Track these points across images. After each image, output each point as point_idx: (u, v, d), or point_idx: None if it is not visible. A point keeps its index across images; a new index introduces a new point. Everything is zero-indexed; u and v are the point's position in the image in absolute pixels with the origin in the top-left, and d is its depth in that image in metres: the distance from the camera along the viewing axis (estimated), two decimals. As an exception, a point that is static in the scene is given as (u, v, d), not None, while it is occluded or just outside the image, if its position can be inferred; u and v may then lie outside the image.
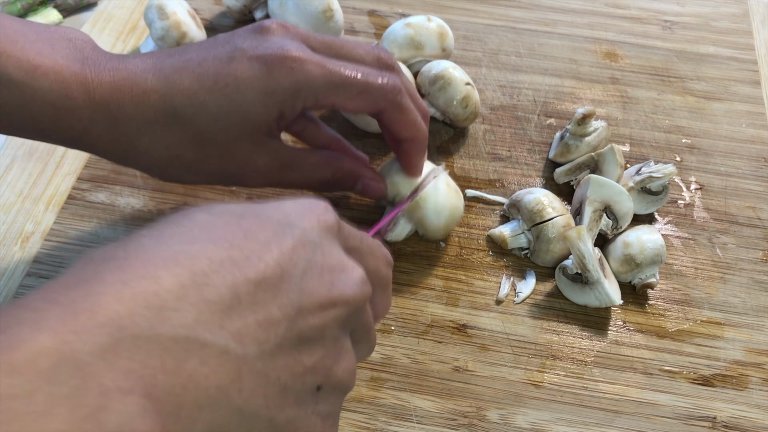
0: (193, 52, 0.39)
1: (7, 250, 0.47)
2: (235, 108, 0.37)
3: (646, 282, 0.45)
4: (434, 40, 0.55)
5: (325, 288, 0.27)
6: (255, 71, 0.37)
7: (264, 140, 0.39)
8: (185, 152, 0.38)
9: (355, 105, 0.39)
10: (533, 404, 0.42)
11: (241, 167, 0.39)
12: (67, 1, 0.65)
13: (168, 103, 0.37)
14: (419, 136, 0.42)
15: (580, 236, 0.43)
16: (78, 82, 0.36)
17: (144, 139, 0.37)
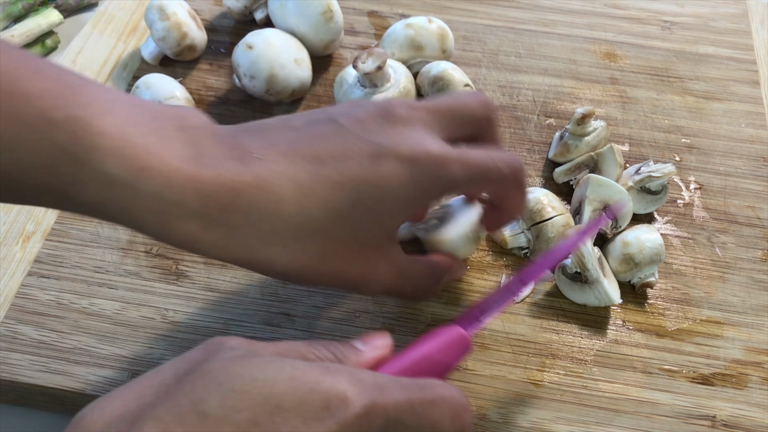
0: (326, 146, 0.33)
1: (7, 249, 0.47)
2: (375, 218, 0.33)
3: (645, 281, 0.46)
4: (434, 41, 0.55)
5: None
6: (400, 177, 0.33)
7: (389, 246, 0.36)
8: (312, 264, 0.33)
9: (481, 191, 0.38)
10: (533, 403, 0.42)
11: (362, 276, 0.35)
12: (68, 2, 0.65)
13: (304, 215, 0.32)
14: (521, 212, 0.40)
15: None
16: (192, 188, 0.30)
17: (269, 251, 0.32)
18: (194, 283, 0.46)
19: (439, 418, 0.27)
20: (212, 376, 0.25)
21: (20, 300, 0.45)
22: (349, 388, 0.26)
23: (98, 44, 0.59)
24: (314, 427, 0.25)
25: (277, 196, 0.32)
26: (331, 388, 0.26)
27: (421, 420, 0.27)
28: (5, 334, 0.43)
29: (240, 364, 0.26)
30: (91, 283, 0.46)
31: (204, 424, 0.24)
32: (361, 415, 0.25)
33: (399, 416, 0.26)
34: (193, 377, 0.25)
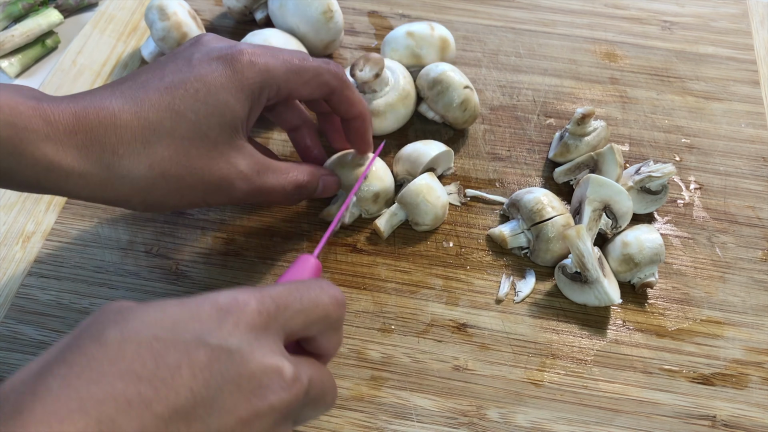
0: (146, 73, 0.38)
1: (8, 249, 0.47)
2: (212, 110, 0.37)
3: (645, 281, 0.46)
4: (434, 52, 0.55)
5: (245, 401, 0.26)
6: (220, 71, 0.37)
7: (241, 143, 0.39)
8: (170, 168, 0.36)
9: (310, 89, 0.40)
10: (533, 403, 0.42)
11: (224, 175, 0.38)
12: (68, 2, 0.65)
13: (143, 118, 0.36)
14: (366, 111, 0.44)
15: (580, 235, 0.43)
16: (37, 115, 0.34)
17: (124, 162, 0.35)
18: (194, 283, 0.46)
19: (314, 294, 0.31)
20: (106, 319, 0.27)
21: (20, 300, 0.45)
22: (235, 293, 0.28)
23: (98, 44, 0.59)
24: (215, 329, 0.27)
25: (112, 110, 0.35)
26: (217, 297, 0.28)
27: (302, 299, 0.30)
28: (5, 334, 0.43)
29: (129, 309, 0.27)
30: (91, 283, 0.46)
31: (107, 350, 0.25)
32: (255, 306, 0.28)
33: (284, 301, 0.29)
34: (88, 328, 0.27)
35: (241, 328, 0.27)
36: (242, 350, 0.27)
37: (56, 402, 0.23)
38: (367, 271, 0.47)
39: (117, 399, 0.24)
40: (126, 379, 0.24)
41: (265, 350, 0.28)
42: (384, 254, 0.48)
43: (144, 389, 0.24)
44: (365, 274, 0.47)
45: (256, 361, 0.27)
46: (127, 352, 0.25)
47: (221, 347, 0.26)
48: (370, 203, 0.48)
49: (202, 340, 0.26)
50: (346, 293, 0.46)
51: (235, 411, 0.26)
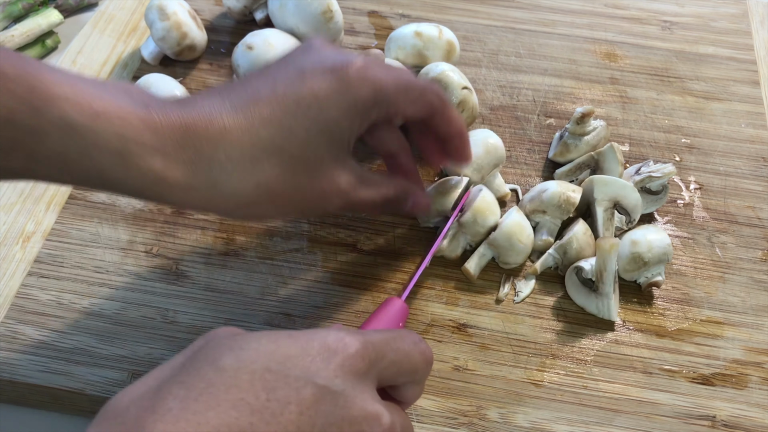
0: (256, 81, 0.37)
1: (8, 249, 0.47)
2: (322, 128, 0.36)
3: (653, 281, 0.45)
4: (440, 55, 0.54)
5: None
6: (333, 85, 0.36)
7: (345, 158, 0.38)
8: (277, 185, 0.36)
9: (415, 109, 0.39)
10: (533, 403, 0.42)
11: (326, 190, 0.38)
12: (68, 2, 0.65)
13: (253, 136, 0.34)
14: (464, 128, 0.43)
15: (611, 251, 0.43)
16: (146, 127, 0.33)
17: (231, 181, 0.34)
18: (194, 283, 0.46)
19: (407, 348, 0.32)
20: (221, 345, 0.28)
21: (20, 300, 0.45)
22: (342, 335, 0.30)
23: (98, 44, 0.59)
24: (322, 369, 0.28)
25: (222, 125, 0.34)
26: (326, 336, 0.29)
27: (397, 351, 0.31)
28: (5, 334, 0.43)
29: (242, 336, 0.29)
30: (91, 283, 0.46)
31: (222, 376, 0.27)
32: (359, 351, 0.29)
33: (382, 350, 0.31)
34: (203, 350, 0.28)
35: (344, 371, 0.29)
36: (346, 393, 0.28)
37: (176, 423, 0.25)
38: (367, 271, 0.47)
39: (230, 427, 0.25)
40: (240, 408, 0.26)
41: (366, 396, 0.29)
42: (384, 254, 0.48)
43: (255, 421, 0.26)
44: (365, 274, 0.47)
45: (358, 406, 0.28)
46: (242, 381, 0.27)
47: (327, 388, 0.28)
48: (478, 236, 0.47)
49: (311, 379, 0.28)
50: (346, 293, 0.46)
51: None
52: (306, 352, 0.28)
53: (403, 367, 0.32)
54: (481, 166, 0.48)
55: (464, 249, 0.47)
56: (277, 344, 0.28)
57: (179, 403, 0.26)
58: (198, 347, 0.29)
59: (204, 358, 0.28)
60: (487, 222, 0.46)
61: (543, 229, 0.47)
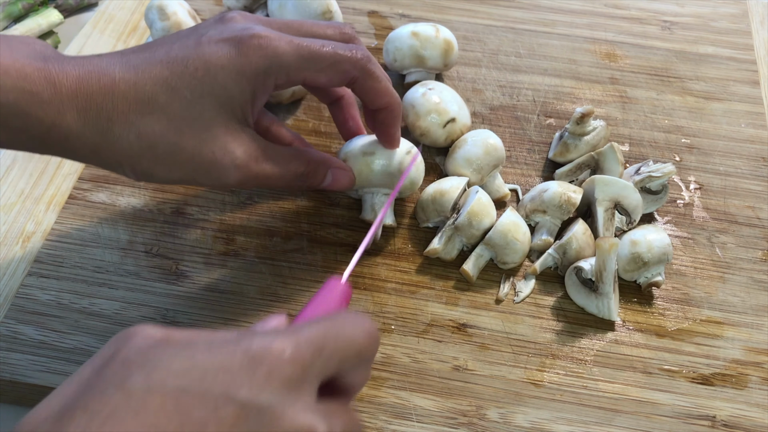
0: (157, 44, 0.38)
1: (8, 249, 0.47)
2: (209, 91, 0.37)
3: (653, 281, 0.45)
4: (438, 55, 0.54)
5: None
6: (224, 52, 0.37)
7: (239, 128, 0.38)
8: (160, 140, 0.37)
9: (327, 78, 0.39)
10: (533, 403, 0.42)
11: (217, 158, 0.38)
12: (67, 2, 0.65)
13: (139, 90, 0.36)
14: (394, 102, 0.42)
15: (611, 251, 0.43)
16: (42, 77, 0.35)
17: (116, 129, 0.36)
18: (194, 283, 0.46)
19: (348, 332, 0.28)
20: (131, 361, 0.25)
21: (20, 300, 0.45)
22: (269, 339, 0.26)
23: (98, 44, 0.59)
24: (245, 382, 0.25)
25: (113, 77, 0.36)
26: (250, 343, 0.26)
27: (338, 339, 0.28)
28: (5, 334, 0.43)
29: (156, 349, 0.26)
30: (91, 283, 0.46)
31: (130, 400, 0.24)
32: (290, 356, 0.26)
33: (319, 344, 0.27)
34: (111, 367, 0.25)
35: (273, 382, 0.25)
36: (273, 408, 0.25)
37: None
38: (367, 271, 0.47)
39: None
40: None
41: (298, 407, 0.26)
42: (384, 254, 0.48)
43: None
44: (365, 274, 0.47)
45: (287, 420, 0.25)
46: (152, 405, 0.24)
47: (251, 404, 0.25)
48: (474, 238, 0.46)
49: (231, 396, 0.25)
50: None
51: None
52: (227, 365, 0.25)
53: (347, 354, 0.28)
54: (481, 167, 0.48)
55: (460, 250, 0.47)
56: (194, 360, 0.25)
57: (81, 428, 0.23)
58: (108, 356, 0.26)
59: (111, 378, 0.25)
60: (483, 224, 0.46)
61: (543, 229, 0.47)
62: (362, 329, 0.29)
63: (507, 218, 0.46)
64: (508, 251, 0.45)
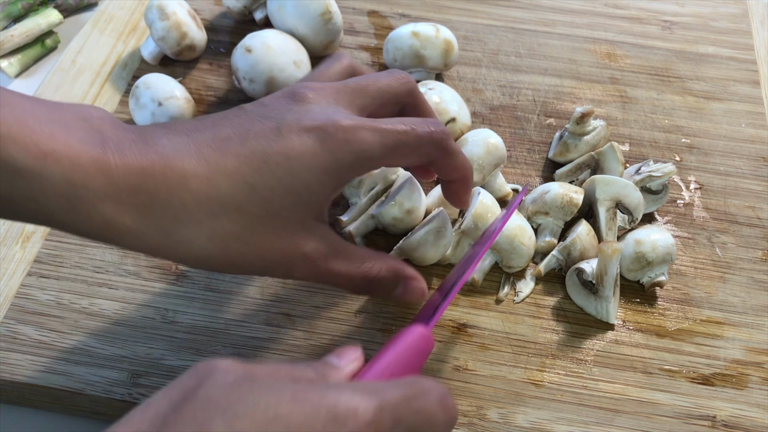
0: (229, 127, 0.34)
1: (7, 249, 0.47)
2: (290, 190, 0.33)
3: (656, 281, 0.45)
4: (438, 55, 0.54)
5: None
6: (308, 148, 0.33)
7: (314, 224, 0.35)
8: (232, 243, 0.33)
9: (408, 161, 0.37)
10: (533, 403, 0.42)
11: (288, 255, 0.35)
12: (67, 1, 0.65)
13: (213, 188, 0.32)
14: (469, 173, 0.40)
15: (613, 257, 0.43)
16: (98, 169, 0.30)
17: (183, 231, 0.32)
18: (194, 283, 0.46)
19: (431, 408, 0.28)
20: (212, 402, 0.25)
21: (20, 300, 0.45)
22: (356, 400, 0.26)
23: (98, 44, 0.59)
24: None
25: (182, 171, 0.32)
26: (337, 401, 0.25)
27: (418, 413, 0.27)
28: (5, 334, 0.43)
29: (239, 389, 0.25)
30: (91, 283, 0.46)
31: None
32: (371, 421, 0.25)
33: (400, 414, 0.26)
34: (191, 405, 0.25)
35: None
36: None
37: None
38: (367, 271, 0.47)
39: None
40: None
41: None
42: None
43: None
44: (365, 274, 0.47)
45: None
46: None
47: None
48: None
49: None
50: (346, 294, 0.46)
51: None
52: (311, 422, 0.24)
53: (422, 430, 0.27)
54: (482, 167, 0.48)
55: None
56: (278, 410, 0.24)
57: None
58: (187, 391, 0.25)
59: (191, 419, 0.24)
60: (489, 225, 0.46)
61: (545, 231, 0.47)
62: (444, 408, 0.28)
63: (513, 223, 0.45)
64: (515, 256, 0.45)
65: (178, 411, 0.24)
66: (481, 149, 0.48)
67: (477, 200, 0.46)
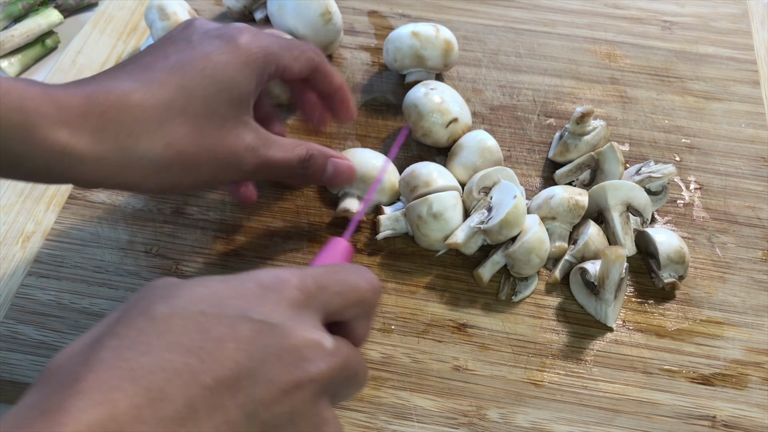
0: (147, 54, 0.38)
1: (8, 249, 0.47)
2: (220, 86, 0.37)
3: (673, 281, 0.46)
4: (438, 55, 0.54)
5: (286, 372, 0.27)
6: (224, 47, 0.38)
7: (247, 118, 0.39)
8: (185, 146, 0.37)
9: (299, 66, 0.41)
10: (533, 403, 0.42)
11: (234, 150, 0.39)
12: (67, 2, 0.65)
13: (154, 98, 0.36)
14: (343, 82, 0.45)
15: (615, 262, 0.43)
16: (46, 99, 0.33)
17: (141, 144, 0.35)
18: (194, 283, 0.46)
19: (352, 278, 0.32)
20: (153, 294, 0.28)
21: (20, 300, 0.45)
22: (277, 272, 0.30)
23: (98, 44, 0.59)
24: (258, 305, 0.28)
25: (121, 91, 0.35)
26: (261, 276, 0.29)
27: (341, 282, 0.31)
28: (5, 334, 0.43)
29: (176, 284, 0.29)
30: (91, 283, 0.46)
31: (155, 324, 0.26)
32: (296, 284, 0.29)
33: (323, 282, 0.30)
34: (135, 303, 0.28)
35: (282, 305, 0.28)
36: (284, 325, 0.28)
37: (109, 371, 0.25)
38: (367, 271, 0.47)
39: (165, 369, 0.25)
40: (174, 351, 0.26)
41: (306, 325, 0.29)
42: (384, 254, 0.48)
43: (191, 361, 0.26)
44: (365, 274, 0.47)
45: (297, 335, 0.28)
46: (175, 326, 0.26)
47: (264, 322, 0.28)
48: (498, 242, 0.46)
49: (246, 316, 0.27)
50: None
51: (277, 382, 0.27)
52: (240, 292, 0.28)
53: (349, 297, 0.31)
54: (477, 170, 0.48)
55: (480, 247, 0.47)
56: (210, 288, 0.28)
57: (111, 353, 0.25)
58: (132, 300, 0.29)
59: (136, 310, 0.27)
60: (512, 233, 0.45)
61: (554, 236, 0.47)
62: (365, 279, 0.32)
63: (535, 235, 0.44)
64: (527, 267, 0.45)
65: (126, 310, 0.28)
66: (475, 155, 0.49)
67: (510, 204, 0.44)
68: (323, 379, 0.28)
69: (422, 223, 0.46)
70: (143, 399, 0.24)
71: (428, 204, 0.45)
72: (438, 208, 0.45)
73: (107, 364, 0.25)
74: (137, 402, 0.24)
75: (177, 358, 0.25)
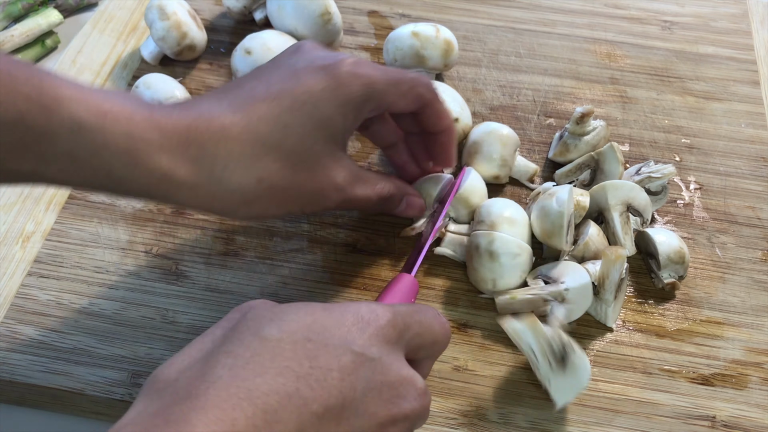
0: (250, 82, 0.38)
1: (8, 249, 0.47)
2: (317, 124, 0.37)
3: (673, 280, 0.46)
4: (438, 55, 0.54)
5: (384, 407, 0.29)
6: (326, 82, 0.37)
7: (341, 155, 0.39)
8: (277, 180, 0.37)
9: (406, 102, 0.40)
10: (533, 403, 0.42)
11: (323, 186, 0.39)
12: (67, 1, 0.65)
13: (252, 133, 0.36)
14: (452, 124, 0.44)
15: (615, 263, 0.42)
16: (151, 125, 0.34)
17: (234, 177, 0.36)
18: (194, 283, 0.46)
19: (429, 320, 0.33)
20: (262, 317, 0.30)
21: (20, 300, 0.45)
22: (374, 307, 0.31)
23: (98, 44, 0.59)
24: (357, 335, 0.30)
25: (221, 124, 0.35)
26: (359, 308, 0.31)
27: (421, 323, 0.33)
28: (5, 334, 0.43)
29: (280, 308, 0.30)
30: (91, 283, 0.46)
31: (267, 346, 0.28)
32: (390, 321, 0.31)
33: (408, 321, 0.32)
34: (243, 325, 0.30)
35: (379, 339, 0.30)
36: (382, 360, 0.30)
37: (227, 389, 0.26)
38: (367, 271, 0.47)
39: (279, 393, 0.27)
40: (285, 375, 0.27)
41: (399, 362, 0.31)
42: (384, 254, 0.48)
43: (302, 387, 0.27)
44: (365, 274, 0.47)
45: (394, 371, 0.30)
46: (285, 351, 0.28)
47: (364, 355, 0.29)
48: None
49: (348, 347, 0.29)
50: (346, 293, 0.46)
51: (375, 415, 0.29)
52: (341, 323, 0.30)
53: (425, 338, 0.33)
54: (504, 159, 0.49)
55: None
56: (314, 316, 0.30)
57: (228, 371, 0.27)
58: (236, 320, 0.30)
59: (246, 329, 0.29)
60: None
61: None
62: (439, 322, 0.34)
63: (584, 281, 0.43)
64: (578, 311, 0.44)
65: (234, 329, 0.29)
66: (497, 145, 0.49)
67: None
68: (414, 416, 0.30)
69: (477, 255, 0.44)
70: (260, 420, 0.26)
71: (490, 239, 0.44)
72: (498, 247, 0.43)
73: (225, 381, 0.26)
74: (255, 422, 0.25)
75: (289, 382, 0.27)
